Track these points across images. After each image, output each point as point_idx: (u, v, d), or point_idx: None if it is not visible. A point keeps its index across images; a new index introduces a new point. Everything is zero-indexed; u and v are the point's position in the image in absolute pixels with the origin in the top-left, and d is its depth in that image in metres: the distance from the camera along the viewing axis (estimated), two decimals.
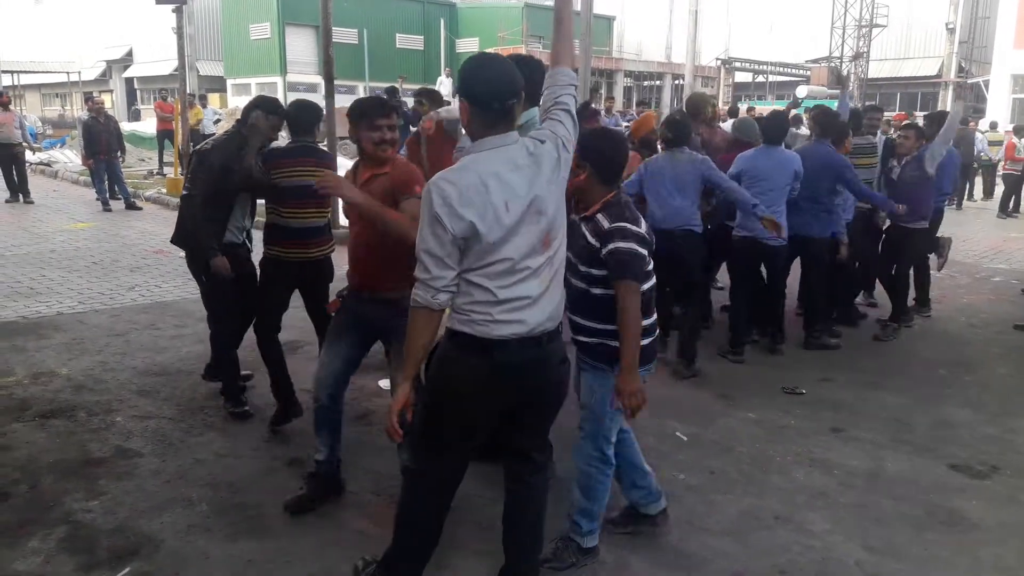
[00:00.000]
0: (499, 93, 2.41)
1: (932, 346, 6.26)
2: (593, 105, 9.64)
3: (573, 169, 3.00)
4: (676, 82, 36.73)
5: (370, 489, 3.73)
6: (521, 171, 2.43)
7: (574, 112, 2.67)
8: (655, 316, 3.18)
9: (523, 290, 2.46)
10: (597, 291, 3.01)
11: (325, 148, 4.61)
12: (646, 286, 3.01)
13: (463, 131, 3.21)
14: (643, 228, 3.00)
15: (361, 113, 3.35)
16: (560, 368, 2.65)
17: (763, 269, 5.95)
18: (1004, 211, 14.38)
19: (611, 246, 2.92)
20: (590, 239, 2.99)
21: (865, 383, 5.36)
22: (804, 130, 9.53)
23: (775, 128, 5.70)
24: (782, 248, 5.61)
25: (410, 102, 10.85)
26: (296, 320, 4.73)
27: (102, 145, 12.58)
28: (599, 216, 2.99)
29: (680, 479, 3.90)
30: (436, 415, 2.60)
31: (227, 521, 3.42)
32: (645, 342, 3.03)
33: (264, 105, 4.21)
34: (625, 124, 13.07)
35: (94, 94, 17.78)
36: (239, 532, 3.35)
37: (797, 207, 5.67)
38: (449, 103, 16.80)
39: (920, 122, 7.09)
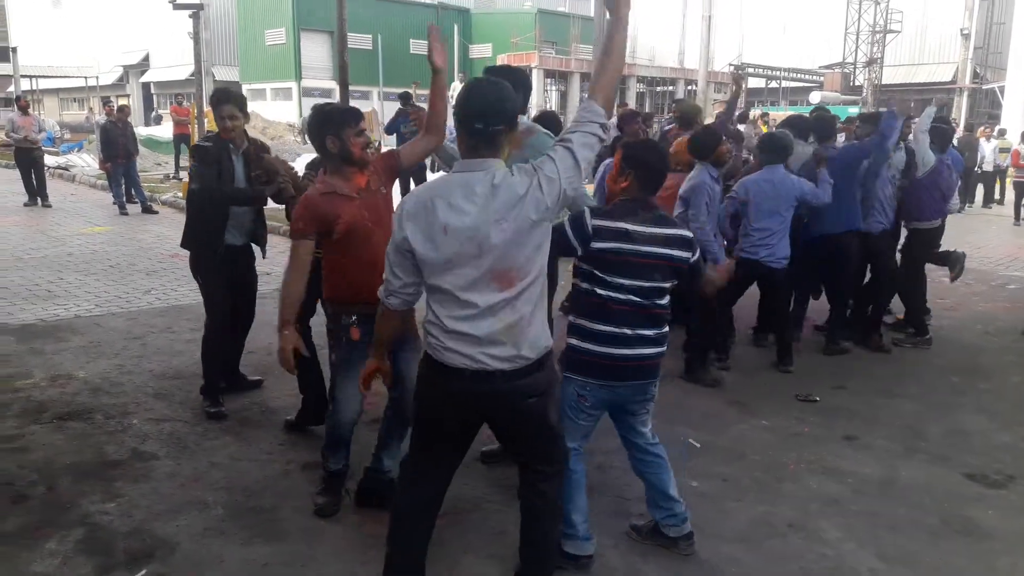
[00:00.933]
0: (474, 115, 2.42)
1: (946, 354, 6.22)
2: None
3: (614, 177, 3.09)
4: (689, 88, 36.72)
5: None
6: (474, 200, 2.39)
7: (579, 154, 2.47)
8: (616, 329, 3.00)
9: (475, 328, 2.44)
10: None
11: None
12: (616, 294, 2.96)
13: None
14: (601, 223, 2.92)
15: (343, 121, 3.36)
16: (530, 402, 2.56)
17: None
18: (1017, 218, 14.29)
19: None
20: None
21: (879, 391, 5.34)
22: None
23: (774, 146, 5.62)
24: (782, 270, 5.57)
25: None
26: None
27: (120, 149, 12.71)
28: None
29: (692, 486, 3.90)
30: (416, 418, 2.77)
31: (242, 525, 3.44)
32: (593, 348, 3.01)
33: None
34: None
35: (111, 98, 17.96)
36: (254, 536, 3.37)
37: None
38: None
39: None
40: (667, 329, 3.13)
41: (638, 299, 2.98)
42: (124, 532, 3.38)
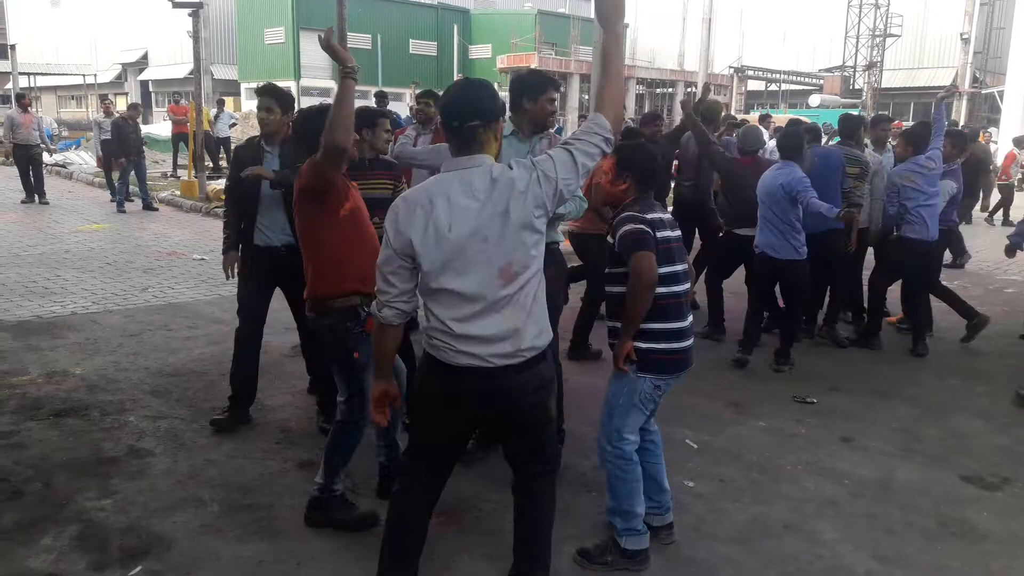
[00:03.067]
0: (453, 114, 2.45)
1: (944, 356, 6.22)
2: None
3: (611, 181, 3.22)
4: (689, 90, 36.73)
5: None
6: (474, 196, 2.40)
7: (579, 159, 2.47)
8: (687, 322, 3.19)
9: (480, 328, 2.43)
10: (616, 289, 3.14)
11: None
12: (678, 288, 3.12)
13: None
14: (653, 216, 3.10)
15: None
16: (534, 395, 2.57)
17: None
18: (991, 218, 14.24)
19: (619, 233, 3.07)
20: (610, 240, 3.16)
21: (876, 392, 5.34)
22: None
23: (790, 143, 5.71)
24: (799, 264, 5.61)
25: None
26: None
27: (132, 146, 12.75)
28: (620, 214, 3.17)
29: (689, 487, 3.90)
30: (414, 420, 2.78)
31: (238, 522, 3.44)
32: (675, 346, 3.12)
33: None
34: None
35: (110, 96, 17.97)
36: (250, 533, 3.36)
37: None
38: None
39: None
40: None
41: (677, 288, 3.13)
42: (119, 529, 3.37)
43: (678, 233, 3.22)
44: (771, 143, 8.29)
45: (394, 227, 2.43)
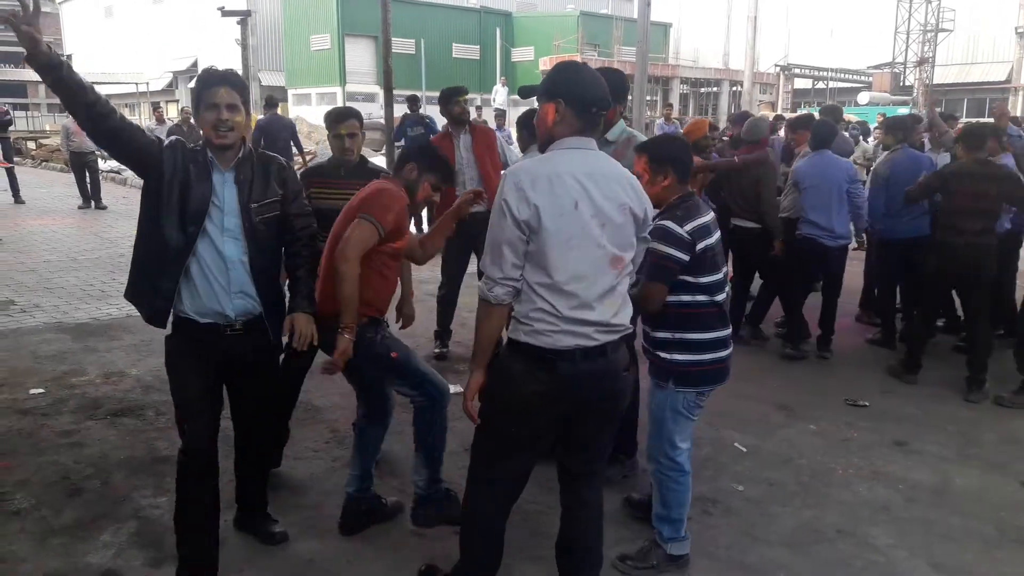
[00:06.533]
0: (597, 99, 2.44)
1: (1001, 360, 6.04)
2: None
3: (650, 181, 3.03)
4: (734, 88, 36.32)
5: None
6: (596, 180, 2.40)
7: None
8: (728, 329, 3.13)
9: (588, 314, 2.40)
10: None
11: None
12: (718, 297, 3.03)
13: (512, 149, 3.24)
14: (693, 226, 2.94)
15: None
16: (623, 377, 2.57)
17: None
18: None
19: (650, 245, 2.91)
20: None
21: (930, 395, 5.22)
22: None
23: (822, 132, 5.88)
24: (839, 249, 5.74)
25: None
26: None
27: None
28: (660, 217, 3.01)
29: (738, 490, 3.85)
30: (496, 425, 2.57)
31: (289, 521, 3.48)
32: (713, 356, 3.05)
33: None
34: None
35: (160, 104, 18.36)
36: (300, 532, 3.41)
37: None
38: (503, 111, 16.63)
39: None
40: None
41: (719, 297, 3.03)
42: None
43: (718, 236, 3.07)
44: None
45: (519, 197, 2.33)
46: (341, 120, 3.94)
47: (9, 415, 4.65)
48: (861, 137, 10.63)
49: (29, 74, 55.88)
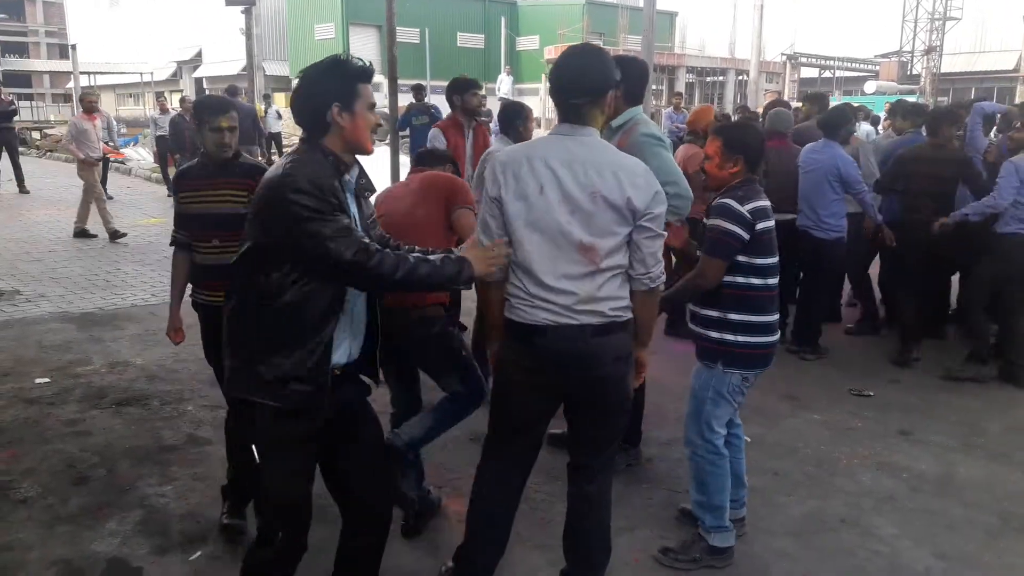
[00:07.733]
0: (562, 89, 2.45)
1: None
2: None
3: (719, 165, 3.04)
4: (740, 77, 36.15)
5: (436, 483, 3.76)
6: (572, 168, 2.38)
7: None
8: (777, 315, 3.10)
9: (549, 295, 2.42)
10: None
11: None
12: (773, 280, 3.02)
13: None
14: (753, 206, 2.93)
15: None
16: (613, 365, 2.50)
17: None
18: None
19: (710, 222, 2.97)
20: (706, 220, 3.04)
21: (934, 386, 5.21)
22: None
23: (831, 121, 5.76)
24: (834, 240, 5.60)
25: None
26: None
27: (187, 142, 13.01)
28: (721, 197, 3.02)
29: None
30: (497, 405, 2.67)
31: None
32: (763, 340, 3.02)
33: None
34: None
35: (164, 94, 18.33)
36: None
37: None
38: (509, 99, 16.56)
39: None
40: None
41: (772, 280, 3.02)
42: (180, 514, 3.47)
43: (772, 221, 3.04)
44: (865, 126, 8.27)
45: (492, 177, 2.45)
46: (223, 111, 3.22)
47: (15, 404, 4.67)
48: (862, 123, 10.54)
49: (33, 64, 56.10)
